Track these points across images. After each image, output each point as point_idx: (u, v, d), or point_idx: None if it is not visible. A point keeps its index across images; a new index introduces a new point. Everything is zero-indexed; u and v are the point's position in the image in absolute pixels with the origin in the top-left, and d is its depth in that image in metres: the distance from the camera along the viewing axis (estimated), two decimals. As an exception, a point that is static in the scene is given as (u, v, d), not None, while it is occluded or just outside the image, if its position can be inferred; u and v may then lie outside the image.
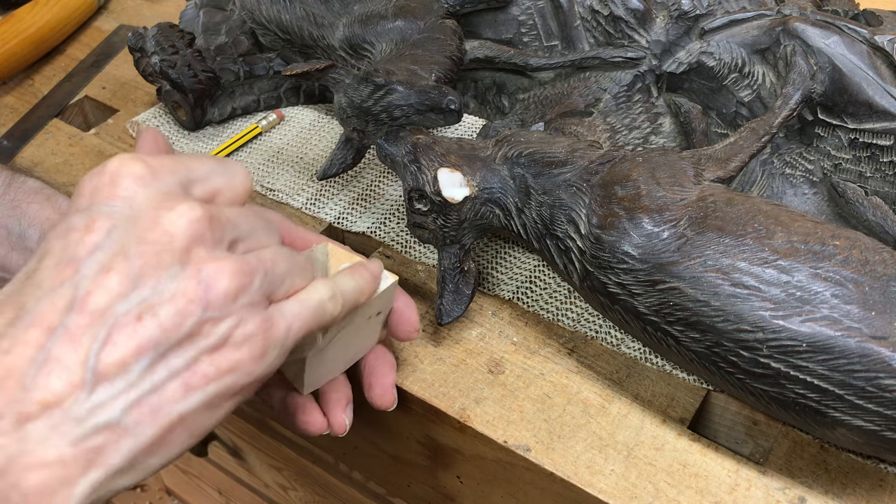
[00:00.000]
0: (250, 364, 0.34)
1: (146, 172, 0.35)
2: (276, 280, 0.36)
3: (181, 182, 0.36)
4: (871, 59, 0.51)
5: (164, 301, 0.32)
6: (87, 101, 0.78)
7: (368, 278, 0.42)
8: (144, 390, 0.32)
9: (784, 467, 0.46)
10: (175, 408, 0.32)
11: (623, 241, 0.44)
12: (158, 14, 0.88)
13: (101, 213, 0.33)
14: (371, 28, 0.61)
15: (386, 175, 0.65)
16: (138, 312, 0.32)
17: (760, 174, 0.57)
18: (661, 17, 0.58)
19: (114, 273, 0.32)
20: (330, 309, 0.39)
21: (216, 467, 0.97)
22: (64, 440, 0.30)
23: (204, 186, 0.37)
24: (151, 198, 0.34)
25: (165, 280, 0.32)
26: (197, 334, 0.33)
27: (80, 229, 0.33)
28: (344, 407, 0.46)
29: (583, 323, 0.53)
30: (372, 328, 0.46)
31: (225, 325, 0.33)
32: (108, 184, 0.34)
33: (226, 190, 0.38)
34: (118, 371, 0.31)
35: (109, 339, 0.31)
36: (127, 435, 0.31)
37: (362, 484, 0.71)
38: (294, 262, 0.38)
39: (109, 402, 0.31)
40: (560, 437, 0.47)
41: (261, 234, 0.38)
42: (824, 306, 0.40)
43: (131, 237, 0.33)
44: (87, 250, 0.33)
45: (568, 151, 0.49)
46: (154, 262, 0.33)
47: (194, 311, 0.33)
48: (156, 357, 0.32)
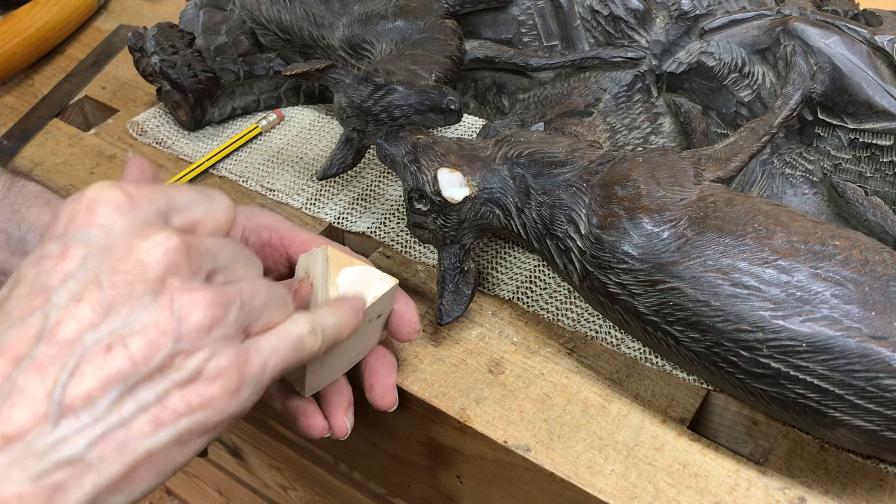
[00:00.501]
0: (223, 400, 0.33)
1: (124, 201, 0.34)
2: (254, 312, 0.35)
3: (160, 211, 0.35)
4: (871, 59, 0.51)
5: (136, 332, 0.31)
6: (87, 101, 0.78)
7: (350, 313, 0.41)
8: (111, 425, 0.31)
9: (784, 467, 0.46)
10: (142, 444, 0.31)
11: (623, 241, 0.44)
12: (158, 14, 0.88)
13: (75, 240, 0.33)
14: (371, 28, 0.61)
15: (386, 175, 0.65)
16: (108, 343, 0.31)
17: (760, 174, 0.57)
18: (661, 17, 0.58)
19: (85, 302, 0.31)
20: (310, 344, 0.37)
21: (216, 467, 0.97)
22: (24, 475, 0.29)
23: (184, 216, 0.36)
24: (128, 226, 0.33)
25: (138, 310, 0.32)
26: (168, 367, 0.32)
27: (54, 257, 0.32)
28: (345, 409, 0.46)
29: (583, 323, 0.53)
30: (372, 330, 0.46)
31: (197, 359, 0.32)
32: (85, 211, 0.33)
33: (207, 220, 0.37)
34: (84, 404, 0.30)
35: (77, 370, 0.30)
36: (90, 471, 0.30)
37: (362, 484, 0.71)
38: (273, 294, 0.37)
39: (73, 436, 0.30)
40: (560, 437, 0.47)
41: (240, 265, 0.37)
42: (824, 306, 0.40)
43: (105, 266, 0.32)
44: (59, 279, 0.32)
45: (568, 151, 0.49)
46: (127, 293, 0.32)
47: (166, 342, 0.32)
48: (124, 390, 0.31)
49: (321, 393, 0.47)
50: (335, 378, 0.47)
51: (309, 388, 0.45)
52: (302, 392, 0.45)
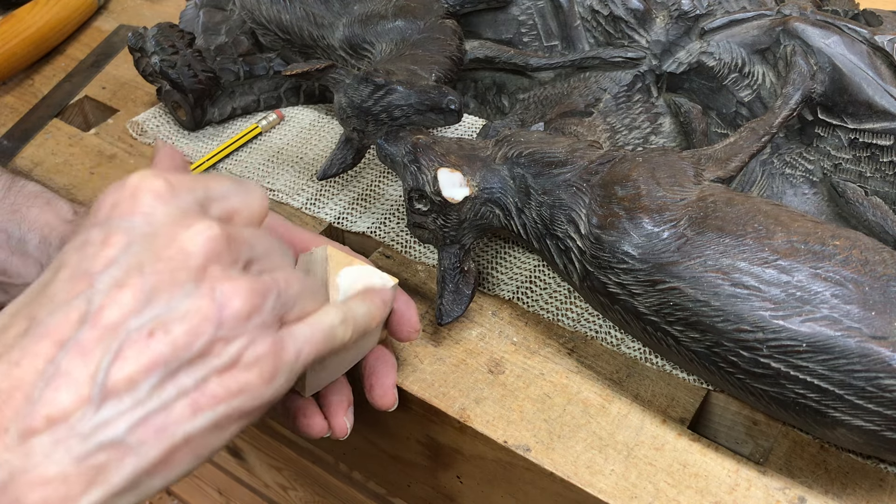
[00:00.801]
0: (260, 386, 0.34)
1: (166, 190, 0.35)
2: (289, 302, 0.36)
3: (199, 200, 0.36)
4: (871, 59, 0.51)
5: (177, 318, 0.32)
6: (87, 101, 0.78)
7: (380, 305, 0.42)
8: (152, 409, 0.31)
9: (784, 467, 0.46)
10: (182, 428, 0.32)
11: (623, 241, 0.44)
12: (158, 14, 0.88)
13: (119, 228, 0.33)
14: (371, 28, 0.61)
15: (386, 175, 0.65)
16: (151, 328, 0.31)
17: (760, 174, 0.57)
18: (661, 17, 0.58)
19: (128, 288, 0.32)
20: (341, 334, 0.38)
21: (216, 467, 0.97)
22: (68, 457, 0.30)
23: (222, 206, 0.37)
24: (170, 215, 0.34)
25: (179, 297, 0.32)
26: (208, 353, 0.32)
27: (97, 243, 0.33)
28: (345, 409, 0.46)
29: (583, 323, 0.53)
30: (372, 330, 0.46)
31: (236, 346, 0.33)
32: (129, 199, 0.34)
33: (243, 210, 0.38)
34: (127, 387, 0.31)
35: (120, 354, 0.31)
36: (131, 454, 0.31)
37: (362, 484, 0.71)
38: (306, 285, 0.38)
39: (116, 419, 0.31)
40: (560, 437, 0.47)
41: (275, 255, 0.38)
42: (824, 306, 0.40)
43: (148, 253, 0.33)
44: (102, 264, 0.32)
45: (568, 151, 0.49)
46: (169, 279, 0.32)
47: (207, 329, 0.32)
48: (166, 375, 0.32)
49: (321, 393, 0.47)
50: (335, 378, 0.47)
51: (309, 389, 0.45)
52: (302, 392, 0.45)
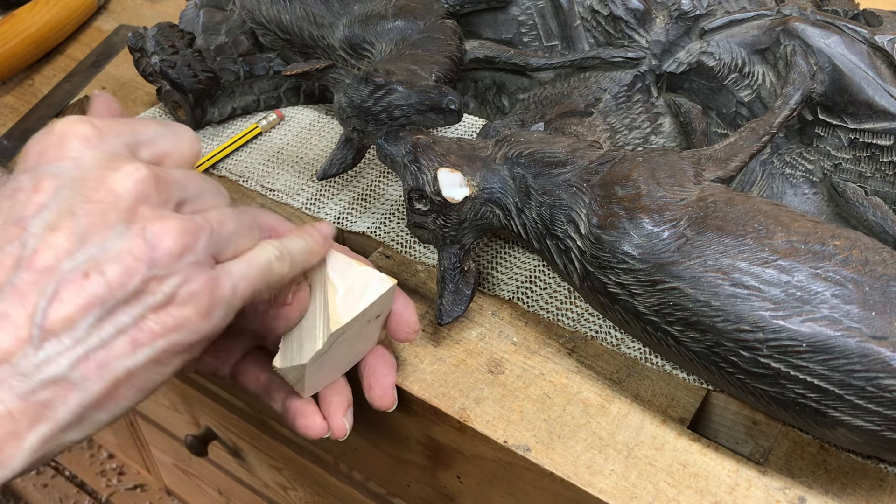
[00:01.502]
0: (196, 321, 0.35)
1: (93, 134, 0.35)
2: (223, 240, 0.36)
3: (128, 144, 0.36)
4: (871, 59, 0.51)
5: (111, 259, 0.33)
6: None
7: (318, 239, 0.42)
8: (92, 346, 0.32)
9: (784, 467, 0.46)
10: (122, 363, 0.33)
11: (623, 241, 0.44)
12: (158, 14, 0.88)
13: (47, 173, 0.34)
14: (371, 28, 0.61)
15: (386, 175, 0.65)
16: (85, 270, 0.32)
17: (760, 174, 0.57)
18: (661, 17, 0.58)
19: (60, 231, 0.32)
20: (277, 269, 0.39)
21: (216, 467, 0.97)
22: (11, 394, 0.31)
23: (151, 149, 0.37)
24: (98, 158, 0.35)
25: (111, 238, 0.33)
26: (143, 292, 0.33)
27: (27, 189, 0.34)
28: (344, 410, 0.46)
29: (583, 323, 0.53)
30: (371, 331, 0.46)
31: (170, 283, 0.34)
32: (56, 145, 0.35)
33: (173, 152, 0.38)
34: (65, 327, 0.32)
35: (56, 295, 0.32)
36: (75, 389, 0.32)
37: (362, 484, 0.71)
38: (241, 222, 0.38)
39: (56, 357, 0.32)
40: (560, 437, 0.47)
41: (208, 195, 0.38)
42: (824, 306, 0.40)
43: (77, 197, 0.33)
44: (33, 209, 0.33)
45: (568, 151, 0.49)
46: (100, 221, 0.33)
47: (140, 268, 0.33)
48: (103, 313, 0.32)
49: (320, 393, 0.47)
50: (334, 379, 0.47)
51: (308, 389, 0.45)
52: (301, 393, 0.45)
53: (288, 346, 0.43)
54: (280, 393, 0.46)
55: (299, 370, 0.43)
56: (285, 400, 0.46)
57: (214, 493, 1.06)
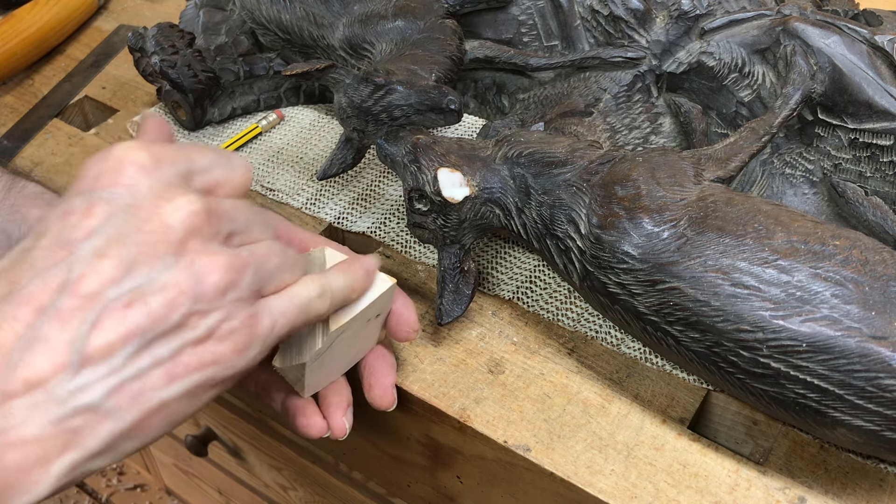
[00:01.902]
0: (232, 357, 0.35)
1: (149, 162, 0.35)
2: (267, 276, 0.37)
3: (182, 173, 0.36)
4: (871, 59, 0.51)
5: (156, 290, 0.33)
6: (87, 101, 0.78)
7: (361, 275, 0.42)
8: (127, 376, 0.32)
9: (784, 467, 0.46)
10: (156, 395, 0.33)
11: (623, 241, 0.44)
12: (158, 14, 0.88)
13: (101, 198, 0.34)
14: (371, 28, 0.61)
15: (386, 175, 0.65)
16: (129, 299, 0.32)
17: (760, 174, 0.57)
18: (661, 17, 0.58)
19: (108, 259, 0.32)
20: (318, 306, 0.39)
21: (216, 467, 0.97)
22: (44, 420, 0.31)
23: (204, 178, 0.37)
24: (153, 187, 0.34)
25: (158, 270, 0.33)
26: (184, 325, 0.33)
27: (79, 212, 0.34)
28: (344, 410, 0.46)
29: (583, 323, 0.53)
30: (371, 330, 0.46)
31: (212, 319, 0.34)
32: (112, 170, 0.35)
33: (225, 182, 0.38)
34: (104, 355, 0.32)
35: (98, 323, 0.32)
36: (107, 418, 0.32)
37: (362, 484, 0.71)
38: (286, 257, 0.38)
39: (92, 385, 0.32)
40: (560, 437, 0.47)
41: (256, 228, 0.38)
42: (824, 306, 0.40)
43: (129, 225, 0.33)
44: (84, 234, 0.33)
45: (568, 151, 0.49)
46: (149, 252, 0.33)
47: (184, 302, 0.33)
48: (142, 344, 0.32)
49: (320, 393, 0.47)
50: (334, 378, 0.47)
51: (308, 389, 0.45)
52: (301, 392, 0.45)
53: (288, 345, 0.43)
54: (280, 392, 0.46)
55: (299, 369, 0.43)
56: (285, 399, 0.46)
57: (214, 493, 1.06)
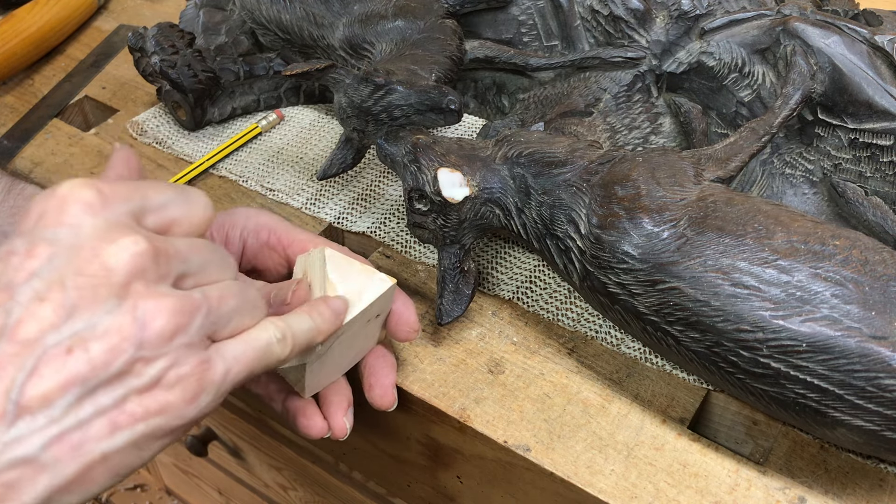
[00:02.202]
0: (181, 406, 0.33)
1: (96, 200, 0.33)
2: (222, 319, 0.35)
3: (133, 211, 0.34)
4: (871, 59, 0.51)
5: (97, 336, 0.31)
6: (87, 101, 0.78)
7: (329, 318, 0.41)
8: (67, 426, 0.31)
9: (784, 467, 0.46)
10: (98, 446, 0.32)
11: (623, 241, 0.44)
12: (158, 14, 0.88)
13: (43, 239, 0.32)
14: (371, 28, 0.61)
15: (386, 175, 0.65)
16: (69, 345, 0.31)
17: (760, 174, 0.57)
18: (661, 17, 0.58)
19: (48, 303, 0.31)
20: (277, 352, 0.37)
21: (216, 467, 0.97)
22: None
23: (159, 216, 0.35)
24: (98, 227, 0.33)
25: (100, 314, 0.31)
26: (128, 373, 0.32)
27: (21, 254, 0.32)
28: (345, 410, 0.46)
29: (583, 323, 0.53)
30: (371, 330, 0.46)
31: (158, 366, 0.32)
32: (56, 209, 0.33)
33: (182, 220, 0.36)
34: (41, 405, 0.30)
35: (36, 370, 0.30)
36: (45, 471, 0.30)
37: (362, 484, 0.71)
38: (244, 298, 0.36)
39: (29, 436, 0.30)
40: (560, 437, 0.47)
41: (213, 268, 0.36)
42: (824, 306, 0.40)
43: (70, 267, 0.32)
44: (24, 276, 0.32)
45: (568, 151, 0.49)
46: (90, 296, 0.32)
47: (127, 348, 0.32)
48: (83, 393, 0.31)
49: (321, 393, 0.47)
50: (335, 378, 0.47)
51: (308, 389, 0.45)
52: (301, 393, 0.45)
53: (288, 346, 0.43)
54: (280, 393, 0.46)
55: (299, 370, 0.43)
56: (285, 400, 0.46)
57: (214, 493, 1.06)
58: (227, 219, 0.48)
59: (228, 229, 0.48)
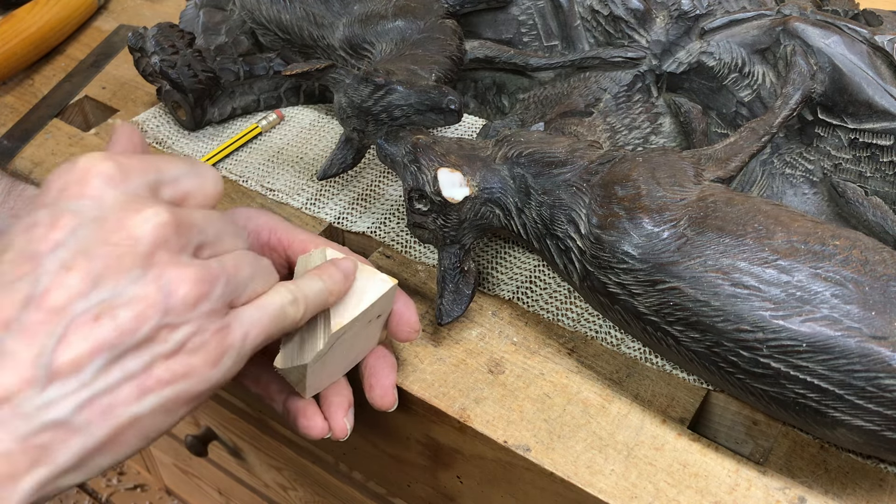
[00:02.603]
0: (205, 370, 0.34)
1: (116, 173, 0.34)
2: (239, 286, 0.36)
3: (150, 184, 0.35)
4: (871, 59, 0.51)
5: (124, 304, 0.32)
6: (87, 101, 0.78)
7: (339, 279, 0.42)
8: (97, 390, 0.32)
9: (784, 467, 0.46)
10: (128, 410, 0.33)
11: (623, 241, 0.44)
12: (158, 14, 0.88)
13: (67, 210, 0.33)
14: (371, 28, 0.61)
15: (386, 175, 0.65)
16: (96, 313, 0.32)
17: (760, 174, 0.57)
18: (661, 17, 0.58)
19: (75, 272, 0.32)
20: (291, 313, 0.39)
21: (216, 467, 0.97)
22: (11, 436, 0.30)
23: (173, 189, 0.37)
24: (119, 199, 0.34)
25: (126, 283, 0.32)
26: (154, 339, 0.33)
27: (45, 225, 0.33)
28: (345, 411, 0.46)
29: (583, 323, 0.53)
30: (372, 331, 0.46)
31: (182, 332, 0.33)
32: (77, 182, 0.34)
33: (196, 193, 0.37)
34: (72, 370, 0.31)
35: (65, 337, 0.31)
36: (77, 434, 0.32)
37: (362, 484, 0.71)
38: (258, 266, 0.38)
39: (61, 400, 0.31)
40: (560, 437, 0.47)
41: (227, 238, 0.38)
42: (824, 306, 0.40)
43: (96, 237, 0.33)
44: (49, 247, 0.32)
45: (568, 151, 0.49)
46: (116, 265, 0.32)
47: (153, 315, 0.33)
48: (111, 358, 0.32)
49: (321, 394, 0.47)
50: (335, 379, 0.47)
51: (309, 389, 0.45)
52: (302, 393, 0.45)
53: (289, 346, 0.43)
54: (281, 393, 0.46)
55: (300, 371, 0.43)
56: (286, 400, 0.46)
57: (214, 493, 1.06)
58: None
59: None
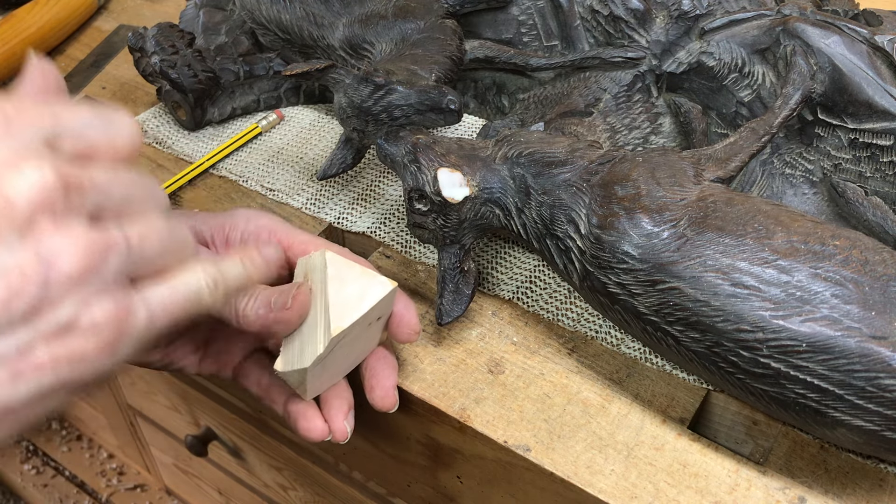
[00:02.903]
0: (96, 356, 0.30)
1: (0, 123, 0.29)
2: (143, 259, 0.32)
3: (46, 136, 0.30)
4: (871, 59, 0.51)
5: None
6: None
7: (260, 265, 0.39)
8: None
9: (784, 467, 0.46)
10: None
11: (623, 241, 0.44)
12: (158, 14, 0.88)
13: None
14: (371, 28, 0.61)
15: (386, 175, 0.65)
16: None
17: (760, 174, 0.57)
18: (661, 17, 0.58)
19: None
20: (207, 299, 0.35)
21: (216, 467, 0.97)
22: None
23: (75, 142, 0.31)
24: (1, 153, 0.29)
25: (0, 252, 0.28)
26: (32, 317, 0.28)
27: None
28: (345, 413, 0.46)
29: (583, 323, 0.53)
30: (372, 333, 0.46)
31: (67, 310, 0.29)
32: None
33: (103, 147, 0.32)
34: None
35: None
36: None
37: (362, 484, 0.71)
38: (172, 237, 0.33)
39: None
40: (560, 437, 0.47)
41: (137, 203, 0.32)
42: (824, 306, 0.40)
43: None
44: None
45: (568, 151, 0.49)
46: None
47: (29, 289, 0.28)
48: None
49: (322, 396, 0.47)
50: (336, 381, 0.47)
51: (310, 392, 0.45)
52: (303, 396, 0.45)
53: (289, 349, 0.43)
54: (281, 395, 0.46)
55: (300, 374, 0.43)
56: (287, 402, 0.46)
57: (214, 493, 1.06)
58: (227, 220, 0.48)
59: (228, 231, 0.48)
